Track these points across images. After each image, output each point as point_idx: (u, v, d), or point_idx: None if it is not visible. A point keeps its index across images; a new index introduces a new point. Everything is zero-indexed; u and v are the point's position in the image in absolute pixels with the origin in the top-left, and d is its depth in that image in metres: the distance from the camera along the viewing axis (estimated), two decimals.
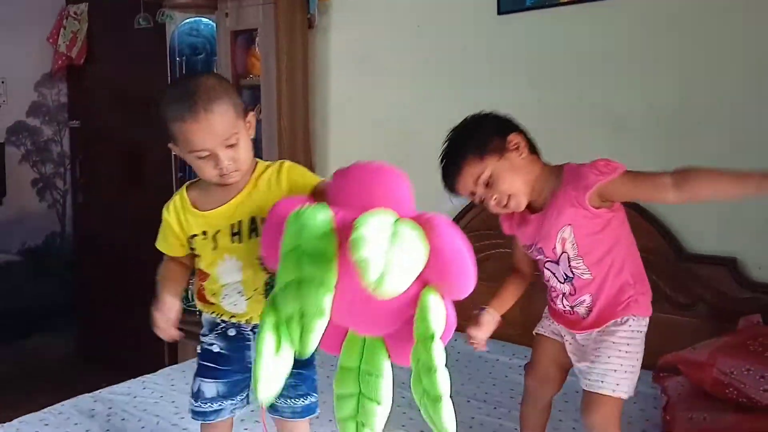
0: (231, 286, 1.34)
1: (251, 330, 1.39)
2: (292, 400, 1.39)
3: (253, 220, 1.30)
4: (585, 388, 1.41)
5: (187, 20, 3.14)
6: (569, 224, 1.37)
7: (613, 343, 1.39)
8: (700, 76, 1.98)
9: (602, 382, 1.38)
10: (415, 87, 2.57)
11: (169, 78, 3.12)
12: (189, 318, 2.94)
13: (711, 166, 1.26)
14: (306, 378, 1.40)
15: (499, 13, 2.35)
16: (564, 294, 1.46)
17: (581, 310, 1.44)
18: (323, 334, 0.97)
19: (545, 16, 2.25)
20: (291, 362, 1.02)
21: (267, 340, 0.98)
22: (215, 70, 2.98)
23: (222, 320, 1.40)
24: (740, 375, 1.54)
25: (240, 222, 1.30)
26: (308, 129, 2.80)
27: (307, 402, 1.41)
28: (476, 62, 2.42)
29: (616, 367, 1.38)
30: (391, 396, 1.10)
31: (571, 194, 1.35)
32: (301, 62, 2.77)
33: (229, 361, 1.40)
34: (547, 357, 1.54)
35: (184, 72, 3.13)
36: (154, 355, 2.89)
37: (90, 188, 3.70)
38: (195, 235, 1.34)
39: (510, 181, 1.38)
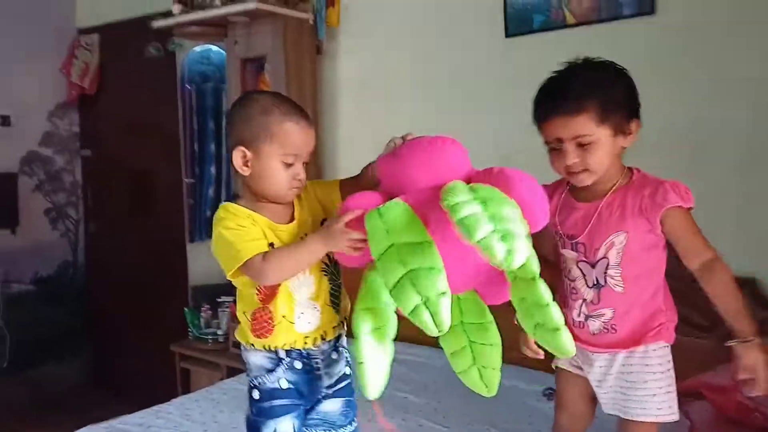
0: (305, 302, 1.30)
1: (321, 358, 1.34)
2: (344, 428, 1.40)
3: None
4: (625, 417, 1.36)
5: (197, 48, 3.18)
6: (626, 231, 1.31)
7: (647, 366, 1.35)
8: (708, 93, 1.97)
9: (643, 408, 1.34)
10: (424, 111, 2.58)
11: (180, 106, 3.15)
12: (199, 345, 2.95)
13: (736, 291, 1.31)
14: (353, 405, 1.41)
15: (507, 36, 2.36)
16: (585, 300, 1.38)
17: (595, 324, 1.36)
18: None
19: (553, 38, 2.26)
20: (392, 356, 1.14)
21: (366, 341, 1.10)
22: (225, 98, 3.00)
23: (286, 351, 1.31)
24: (765, 399, 1.50)
25: (305, 234, 1.28)
26: (318, 153, 2.80)
27: (354, 426, 1.41)
28: (485, 85, 2.42)
29: (655, 391, 1.34)
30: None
31: (645, 202, 1.30)
32: (310, 87, 2.79)
33: (301, 396, 1.34)
34: (574, 392, 1.47)
35: (194, 100, 3.15)
36: (166, 383, 2.88)
37: (102, 217, 3.72)
38: (271, 244, 1.25)
39: (601, 159, 1.30)
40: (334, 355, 1.36)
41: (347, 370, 1.39)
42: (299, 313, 1.30)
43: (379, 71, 2.72)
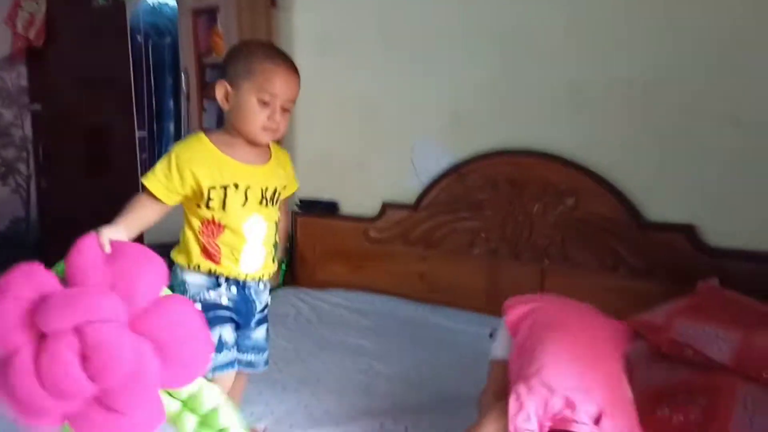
0: (253, 243, 1.35)
1: (254, 288, 1.41)
2: (266, 351, 1.48)
3: (275, 190, 1.39)
4: None
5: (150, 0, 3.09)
6: None
7: None
8: (655, 49, 2.00)
9: None
10: (382, 65, 2.56)
11: (131, 58, 3.07)
12: None
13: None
14: (268, 332, 1.50)
15: None
16: None
17: None
18: None
19: None
20: None
21: None
22: (179, 50, 2.94)
23: (225, 278, 1.36)
24: (696, 335, 1.58)
25: (267, 188, 1.36)
26: None
27: (267, 354, 1.50)
28: (441, 40, 2.41)
29: None
30: None
31: None
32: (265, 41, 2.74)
33: (239, 314, 1.40)
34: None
35: (150, 54, 3.08)
36: None
37: (54, 172, 3.63)
38: (225, 186, 1.30)
39: None
40: (261, 286, 1.44)
41: (269, 300, 1.48)
42: (244, 251, 1.35)
43: (336, 25, 2.67)
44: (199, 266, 1.35)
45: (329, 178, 2.70)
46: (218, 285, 1.37)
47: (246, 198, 1.33)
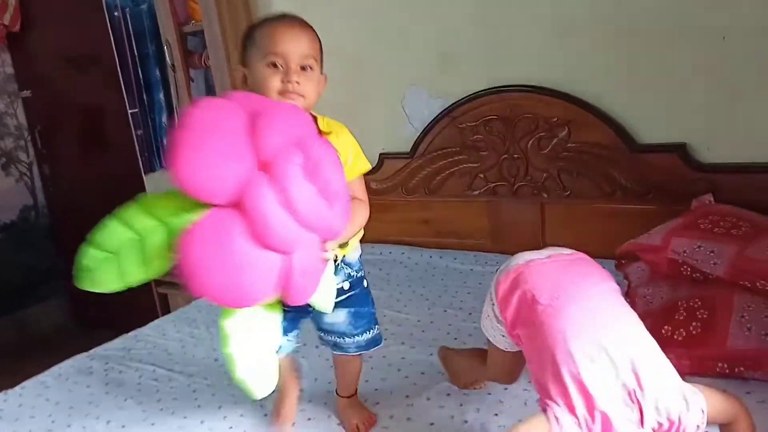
0: None
1: None
2: (356, 336, 1.41)
3: None
4: None
5: None
6: None
7: None
8: None
9: None
10: (366, 12, 2.52)
11: (110, 33, 3.03)
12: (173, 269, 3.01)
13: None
14: (362, 315, 1.41)
15: None
16: None
17: None
18: None
19: None
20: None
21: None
22: (157, 20, 2.90)
23: None
24: (692, 252, 1.63)
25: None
26: None
27: (371, 334, 1.43)
28: None
29: None
30: None
31: None
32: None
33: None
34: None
35: (129, 24, 3.03)
36: (146, 310, 2.97)
37: (54, 157, 3.66)
38: None
39: None
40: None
41: (346, 285, 1.38)
42: None
43: None
44: None
45: None
46: None
47: None
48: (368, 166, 1.37)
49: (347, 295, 1.39)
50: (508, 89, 2.23)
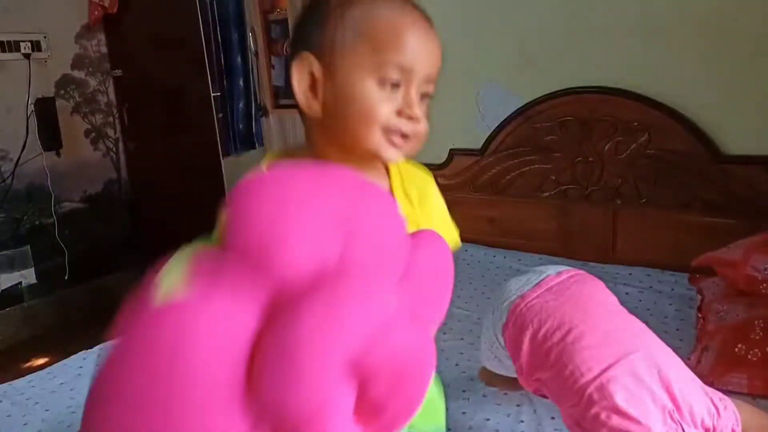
0: None
1: None
2: None
3: None
4: None
5: None
6: None
7: None
8: None
9: None
10: (447, 7, 2.52)
11: (199, 18, 3.16)
12: None
13: None
14: None
15: None
16: None
17: None
18: None
19: None
20: None
21: None
22: (243, 7, 3.00)
23: None
24: None
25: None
26: None
27: None
28: None
29: None
30: None
31: None
32: None
33: None
34: None
35: (214, 9, 3.14)
36: None
37: (139, 135, 3.84)
38: None
39: None
40: None
41: None
42: None
43: None
44: None
45: None
46: None
47: None
48: (458, 243, 0.97)
49: None
50: (587, 90, 2.18)
